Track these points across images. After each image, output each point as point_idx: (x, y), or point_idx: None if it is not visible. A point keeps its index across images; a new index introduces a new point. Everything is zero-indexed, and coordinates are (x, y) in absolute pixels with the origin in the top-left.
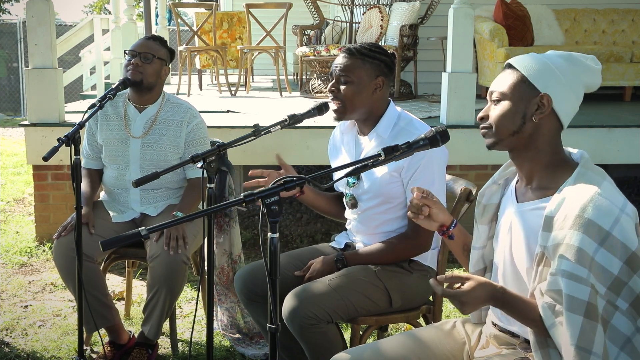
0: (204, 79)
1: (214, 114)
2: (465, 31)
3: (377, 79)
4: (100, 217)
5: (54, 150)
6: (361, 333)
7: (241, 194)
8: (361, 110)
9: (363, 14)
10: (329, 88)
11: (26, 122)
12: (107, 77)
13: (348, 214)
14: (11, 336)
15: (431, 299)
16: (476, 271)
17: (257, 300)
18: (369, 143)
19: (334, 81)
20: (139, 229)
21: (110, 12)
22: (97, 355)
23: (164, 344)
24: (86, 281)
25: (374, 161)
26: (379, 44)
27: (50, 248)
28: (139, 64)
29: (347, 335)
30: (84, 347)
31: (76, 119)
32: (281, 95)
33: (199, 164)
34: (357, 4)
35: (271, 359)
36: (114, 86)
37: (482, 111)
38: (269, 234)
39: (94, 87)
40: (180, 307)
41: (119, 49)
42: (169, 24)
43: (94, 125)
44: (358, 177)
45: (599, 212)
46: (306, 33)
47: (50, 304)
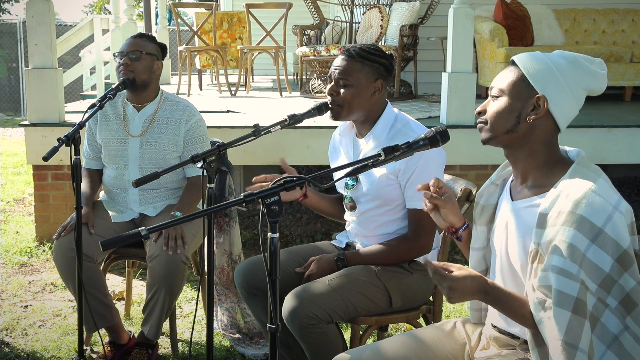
0: (204, 79)
1: (214, 114)
2: (465, 31)
3: (376, 82)
4: (100, 217)
5: (54, 150)
6: (361, 333)
7: (241, 194)
8: (360, 113)
9: (363, 14)
10: (328, 91)
11: (26, 122)
12: (107, 77)
13: (347, 215)
14: (11, 336)
15: (431, 299)
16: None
17: (257, 294)
18: (366, 145)
19: (332, 84)
20: (139, 229)
21: (110, 12)
22: (97, 355)
23: (164, 344)
24: (86, 281)
25: (374, 161)
26: (379, 44)
27: (50, 248)
28: (128, 62)
29: (347, 335)
30: (84, 347)
31: (76, 119)
32: (281, 95)
33: (199, 164)
34: (357, 4)
35: (271, 359)
36: (113, 86)
37: (480, 105)
38: (269, 234)
39: (94, 87)
40: (180, 307)
41: (119, 49)
42: (169, 24)
43: (93, 125)
44: (356, 180)
45: (592, 209)
46: (306, 33)
47: (50, 304)
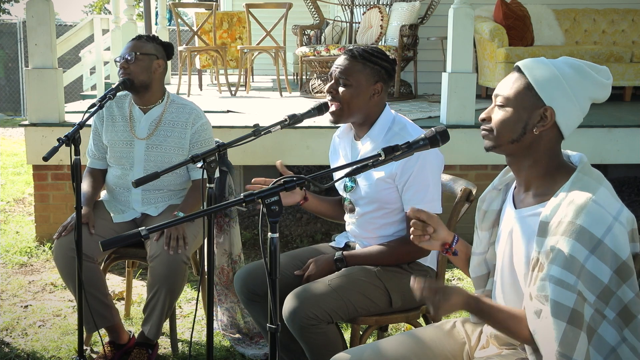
0: (204, 79)
1: (214, 114)
2: (465, 31)
3: (376, 84)
4: (101, 217)
5: (54, 150)
6: (361, 333)
7: (241, 194)
8: (358, 115)
9: (363, 14)
10: (327, 88)
11: (26, 122)
12: (107, 77)
13: (347, 217)
14: (11, 336)
15: None
16: (478, 276)
17: (257, 300)
18: (363, 147)
19: (332, 82)
20: (139, 228)
21: (110, 12)
22: (97, 355)
23: (164, 344)
24: (86, 281)
25: (373, 161)
26: (379, 44)
27: (50, 248)
28: (125, 65)
29: (347, 335)
30: (84, 347)
31: (76, 119)
32: (281, 95)
33: (199, 164)
34: (357, 4)
35: (271, 359)
36: (113, 86)
37: (484, 112)
38: (269, 234)
39: (94, 87)
40: (180, 307)
41: (119, 49)
42: (169, 24)
43: (99, 125)
44: (355, 182)
45: (592, 220)
46: (306, 33)
47: (50, 304)
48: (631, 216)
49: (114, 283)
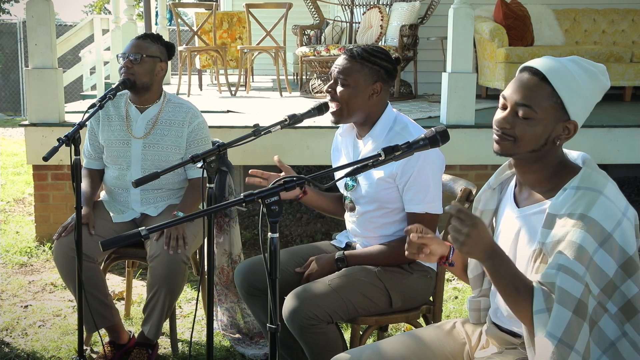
0: (204, 79)
1: (214, 114)
2: (465, 31)
3: (375, 84)
4: (101, 217)
5: (54, 150)
6: (361, 333)
7: (241, 194)
8: (358, 114)
9: (363, 14)
10: (326, 88)
11: (26, 122)
12: (107, 77)
13: (347, 216)
14: (11, 336)
15: (431, 299)
16: (475, 276)
17: (258, 294)
18: (365, 146)
19: (331, 82)
20: (139, 228)
21: (110, 12)
22: (97, 355)
23: (164, 344)
24: (86, 281)
25: (374, 161)
26: (379, 44)
27: (50, 248)
28: (129, 65)
29: (347, 335)
30: (84, 347)
31: (76, 119)
32: (281, 95)
33: (199, 164)
34: (357, 4)
35: (271, 359)
36: (114, 86)
37: (504, 117)
38: (269, 234)
39: (94, 87)
40: (180, 307)
41: (119, 49)
42: (169, 24)
43: (95, 125)
44: (356, 181)
45: (603, 213)
46: (306, 33)
47: (50, 304)
48: (635, 213)
49: (114, 283)
